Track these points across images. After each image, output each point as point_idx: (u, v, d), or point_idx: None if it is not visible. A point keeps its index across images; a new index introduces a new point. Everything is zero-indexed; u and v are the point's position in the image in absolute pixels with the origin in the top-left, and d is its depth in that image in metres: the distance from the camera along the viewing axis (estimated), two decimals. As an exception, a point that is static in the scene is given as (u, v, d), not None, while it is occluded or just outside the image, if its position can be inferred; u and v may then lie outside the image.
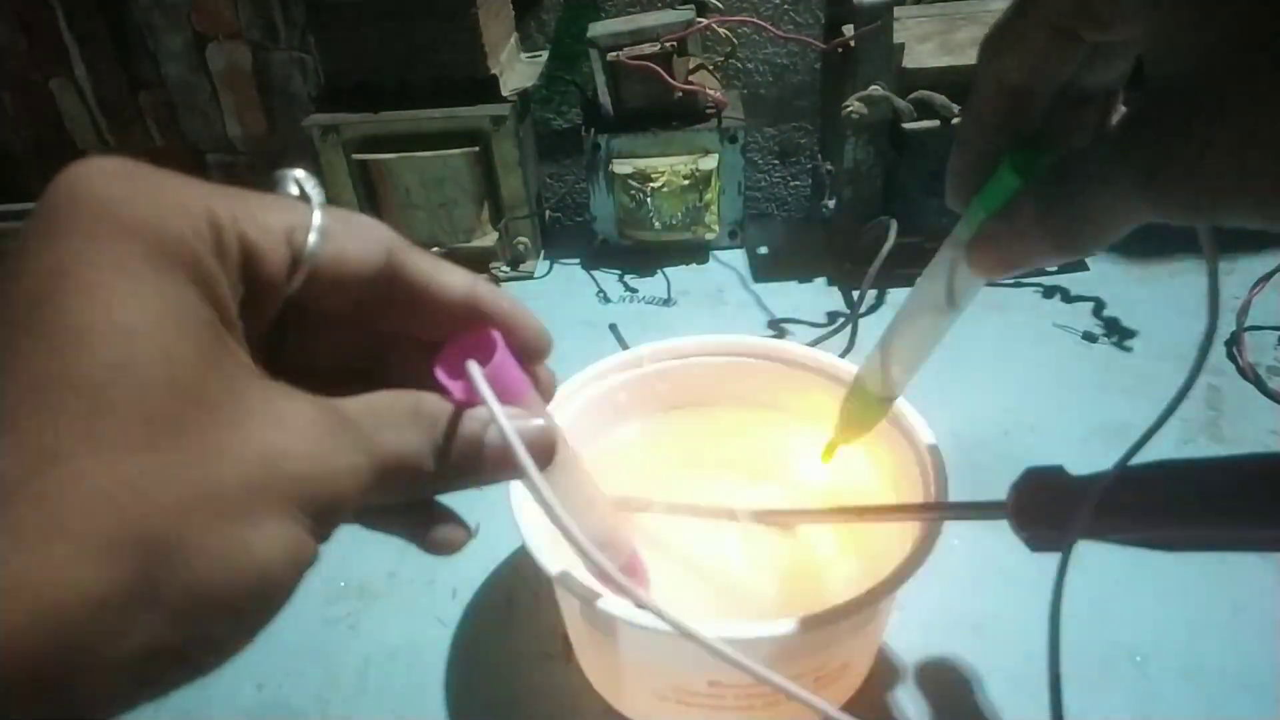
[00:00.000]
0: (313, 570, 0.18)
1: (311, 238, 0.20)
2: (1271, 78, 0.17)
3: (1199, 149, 0.18)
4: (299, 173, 0.21)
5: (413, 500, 0.23)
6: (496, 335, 0.23)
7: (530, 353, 0.24)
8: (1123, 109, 0.26)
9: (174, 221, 0.17)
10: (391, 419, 0.20)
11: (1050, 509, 0.29)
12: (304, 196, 0.21)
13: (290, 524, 0.18)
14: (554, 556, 0.34)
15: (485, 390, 0.21)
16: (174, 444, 0.16)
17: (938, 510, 0.35)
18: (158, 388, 0.16)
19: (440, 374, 0.22)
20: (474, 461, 0.22)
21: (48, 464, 0.15)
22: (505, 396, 0.22)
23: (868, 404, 0.38)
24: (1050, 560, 0.30)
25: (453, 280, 0.23)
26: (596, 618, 0.34)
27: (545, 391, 0.26)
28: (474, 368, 0.22)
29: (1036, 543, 0.29)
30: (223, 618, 0.17)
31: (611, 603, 0.32)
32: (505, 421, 0.21)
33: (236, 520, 0.16)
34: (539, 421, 0.23)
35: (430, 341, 0.23)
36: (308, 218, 0.20)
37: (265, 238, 0.19)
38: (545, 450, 0.24)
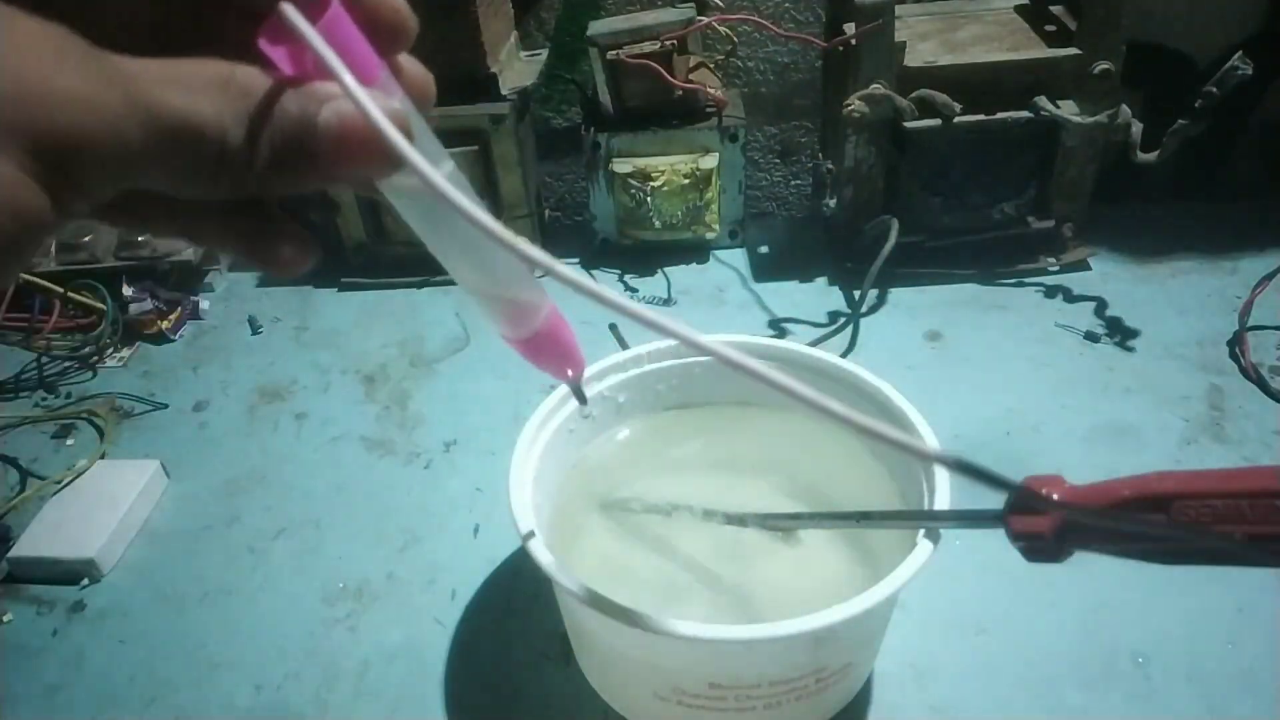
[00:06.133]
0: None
1: None
2: None
3: None
4: None
5: (235, 197, 0.19)
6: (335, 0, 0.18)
7: (385, 30, 0.20)
8: None
9: None
10: (186, 81, 0.17)
11: (1045, 522, 0.28)
12: None
13: (3, 161, 0.14)
14: (552, 557, 0.34)
15: (321, 46, 0.17)
16: None
17: (935, 518, 0.35)
18: None
19: (263, 42, 0.18)
20: (302, 146, 0.18)
21: None
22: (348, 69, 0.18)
23: None
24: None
25: None
26: (595, 617, 0.33)
27: (416, 89, 0.21)
28: (298, 19, 0.17)
29: (1032, 553, 0.29)
30: None
31: (607, 605, 0.32)
32: (352, 83, 0.17)
33: None
34: (393, 101, 0.19)
35: (262, 14, 0.19)
36: None
37: None
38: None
